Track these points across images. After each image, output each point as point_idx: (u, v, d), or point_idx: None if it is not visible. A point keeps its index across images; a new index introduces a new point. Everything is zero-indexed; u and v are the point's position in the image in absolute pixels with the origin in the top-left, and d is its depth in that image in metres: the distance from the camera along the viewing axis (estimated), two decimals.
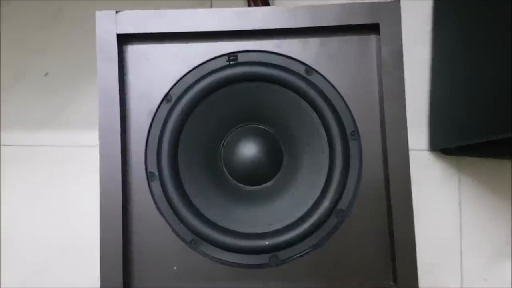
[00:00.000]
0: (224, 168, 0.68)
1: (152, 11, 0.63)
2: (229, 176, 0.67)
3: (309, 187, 0.63)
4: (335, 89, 0.63)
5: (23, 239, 1.07)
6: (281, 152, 0.67)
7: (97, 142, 0.62)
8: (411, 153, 0.70)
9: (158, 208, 0.63)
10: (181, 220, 0.62)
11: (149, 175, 0.63)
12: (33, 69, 1.18)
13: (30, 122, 1.13)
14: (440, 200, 1.03)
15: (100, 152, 0.61)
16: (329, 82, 0.63)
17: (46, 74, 1.18)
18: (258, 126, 0.68)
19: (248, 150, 0.67)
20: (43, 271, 1.06)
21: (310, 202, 0.63)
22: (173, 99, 0.63)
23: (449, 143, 1.00)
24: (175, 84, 0.63)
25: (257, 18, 0.62)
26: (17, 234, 1.08)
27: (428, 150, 1.05)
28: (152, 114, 0.63)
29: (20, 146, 1.12)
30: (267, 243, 0.60)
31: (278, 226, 0.63)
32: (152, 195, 0.63)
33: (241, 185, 0.67)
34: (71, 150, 1.10)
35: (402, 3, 0.74)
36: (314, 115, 0.63)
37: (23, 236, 1.07)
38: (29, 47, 1.16)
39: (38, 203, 1.09)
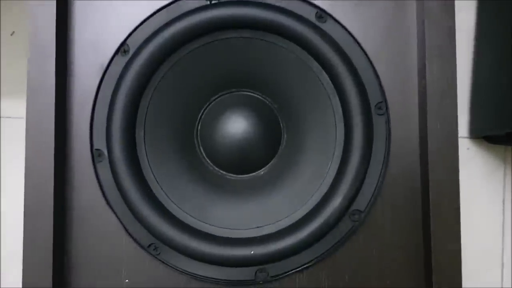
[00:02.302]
0: (201, 150, 0.54)
1: None
2: (208, 161, 0.54)
3: (314, 178, 0.50)
4: (358, 43, 0.49)
5: None
6: (280, 129, 0.54)
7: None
8: None
9: (106, 200, 0.49)
10: (137, 216, 0.48)
11: (95, 154, 0.49)
12: None
13: None
14: (481, 197, 0.89)
15: (27, 122, 0.47)
16: (350, 33, 0.49)
17: None
18: (249, 93, 0.54)
19: (235, 126, 0.53)
20: None
21: (316, 198, 0.49)
22: (131, 51, 0.49)
23: (495, 129, 0.87)
24: (134, 30, 0.50)
25: None
26: None
27: (468, 137, 0.91)
28: (102, 71, 0.49)
29: None
30: (252, 252, 0.46)
31: (270, 229, 0.49)
32: (99, 182, 0.49)
33: (223, 172, 0.54)
34: None
35: None
36: (326, 79, 0.49)
37: None
38: None
39: None
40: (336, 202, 0.47)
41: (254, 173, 0.53)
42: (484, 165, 0.91)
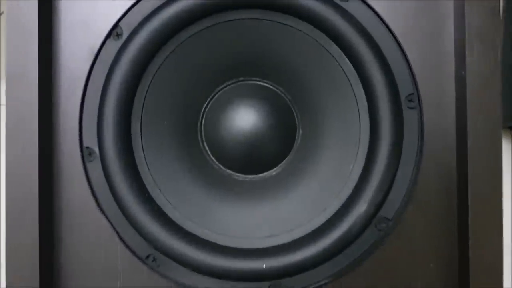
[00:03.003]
0: (206, 147, 0.49)
1: None
2: (213, 159, 0.49)
3: (335, 180, 0.45)
4: (385, 24, 0.43)
5: None
6: (294, 123, 0.49)
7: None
8: None
9: (98, 205, 0.44)
10: (133, 224, 0.43)
11: (84, 153, 0.44)
12: None
13: None
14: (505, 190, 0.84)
15: (6, 116, 0.42)
16: (376, 13, 0.43)
17: None
18: (259, 82, 0.49)
19: (243, 119, 0.48)
20: None
21: (337, 204, 0.44)
22: (125, 34, 0.44)
23: None
24: (128, 11, 0.44)
25: None
26: None
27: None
28: (93, 57, 0.43)
29: None
30: (265, 266, 0.41)
31: (285, 239, 0.44)
32: (89, 184, 0.44)
33: (231, 172, 0.49)
34: None
35: None
36: (349, 65, 0.44)
37: None
38: None
39: None
40: (361, 208, 0.41)
41: (265, 173, 0.48)
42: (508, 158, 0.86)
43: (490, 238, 0.41)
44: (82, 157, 0.44)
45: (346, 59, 0.43)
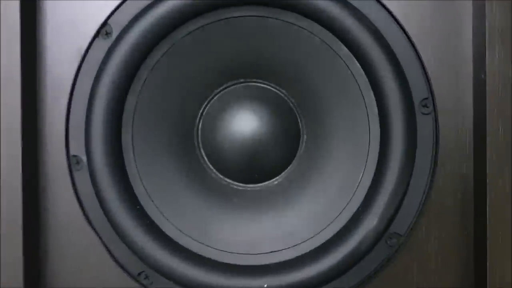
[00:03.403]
0: (203, 154, 0.46)
1: None
2: (211, 167, 0.46)
3: (343, 192, 0.42)
4: (401, 26, 0.41)
5: None
6: (298, 129, 0.46)
7: None
8: None
9: (87, 217, 0.42)
10: (124, 238, 0.40)
11: (72, 162, 0.41)
12: None
13: None
14: None
15: None
16: (389, 12, 0.40)
17: None
18: (261, 85, 0.46)
19: (243, 124, 0.45)
20: None
21: (344, 217, 0.41)
22: (114, 33, 0.41)
23: None
24: (118, 7, 0.41)
25: None
26: None
27: None
28: (80, 58, 0.41)
29: None
30: (266, 286, 0.39)
31: (288, 255, 0.41)
32: (77, 195, 0.42)
33: (230, 181, 0.46)
34: None
35: None
36: (358, 68, 0.41)
37: None
38: None
39: None
40: (371, 223, 0.38)
41: (267, 183, 0.45)
42: None
43: (510, 255, 0.38)
44: (69, 165, 0.41)
45: (356, 61, 0.40)
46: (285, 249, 0.41)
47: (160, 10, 0.39)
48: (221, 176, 0.45)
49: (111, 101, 0.40)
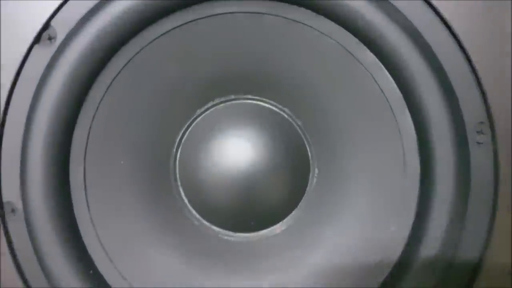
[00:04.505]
0: (182, 193, 0.36)
1: None
2: (192, 211, 0.37)
3: (367, 250, 0.32)
4: (447, 25, 0.30)
5: None
6: (307, 160, 0.36)
7: None
8: None
9: (24, 280, 0.32)
10: None
11: (6, 209, 0.32)
12: None
13: None
14: None
15: None
16: (434, 9, 0.30)
17: None
18: (257, 102, 0.37)
19: (236, 155, 0.36)
20: None
21: (370, 284, 0.31)
22: (59, 37, 0.31)
23: None
24: (62, 5, 0.31)
25: None
26: None
27: None
28: (15, 69, 0.31)
29: None
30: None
31: None
32: (12, 251, 0.32)
33: (217, 229, 0.37)
34: None
35: None
36: (390, 82, 0.31)
37: None
38: None
39: None
40: None
41: (266, 230, 0.36)
42: None
43: None
44: (2, 215, 0.31)
45: (386, 72, 0.30)
46: None
47: (119, 6, 0.30)
48: (206, 223, 0.36)
49: (54, 127, 0.31)
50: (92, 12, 0.30)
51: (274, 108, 0.36)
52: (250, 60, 0.35)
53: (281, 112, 0.36)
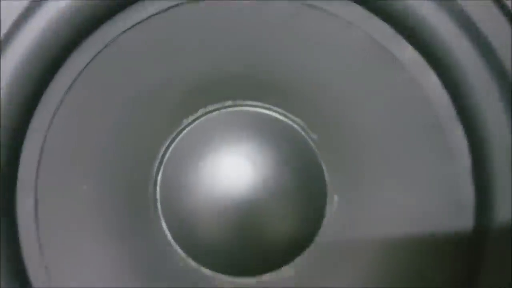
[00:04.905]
0: (164, 227, 0.29)
1: None
2: (178, 249, 0.29)
3: None
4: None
5: None
6: (324, 185, 0.28)
7: None
8: None
9: None
10: None
11: None
12: None
13: None
14: None
15: None
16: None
17: None
18: (261, 110, 0.29)
19: (233, 177, 0.28)
20: None
21: None
22: None
23: None
24: None
25: None
26: None
27: None
28: None
29: None
30: None
31: None
32: None
33: (211, 273, 0.29)
34: None
35: None
36: (438, 89, 0.24)
37: None
38: None
39: None
40: None
41: (271, 273, 0.28)
42: None
43: None
44: None
45: (433, 74, 0.23)
46: None
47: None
48: (194, 265, 0.28)
49: None
50: (31, 8, 0.23)
51: (282, 118, 0.28)
52: (252, 56, 0.27)
53: (292, 123, 0.28)
